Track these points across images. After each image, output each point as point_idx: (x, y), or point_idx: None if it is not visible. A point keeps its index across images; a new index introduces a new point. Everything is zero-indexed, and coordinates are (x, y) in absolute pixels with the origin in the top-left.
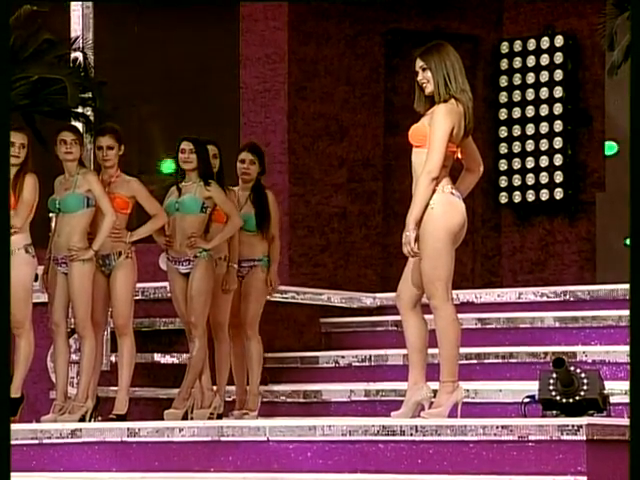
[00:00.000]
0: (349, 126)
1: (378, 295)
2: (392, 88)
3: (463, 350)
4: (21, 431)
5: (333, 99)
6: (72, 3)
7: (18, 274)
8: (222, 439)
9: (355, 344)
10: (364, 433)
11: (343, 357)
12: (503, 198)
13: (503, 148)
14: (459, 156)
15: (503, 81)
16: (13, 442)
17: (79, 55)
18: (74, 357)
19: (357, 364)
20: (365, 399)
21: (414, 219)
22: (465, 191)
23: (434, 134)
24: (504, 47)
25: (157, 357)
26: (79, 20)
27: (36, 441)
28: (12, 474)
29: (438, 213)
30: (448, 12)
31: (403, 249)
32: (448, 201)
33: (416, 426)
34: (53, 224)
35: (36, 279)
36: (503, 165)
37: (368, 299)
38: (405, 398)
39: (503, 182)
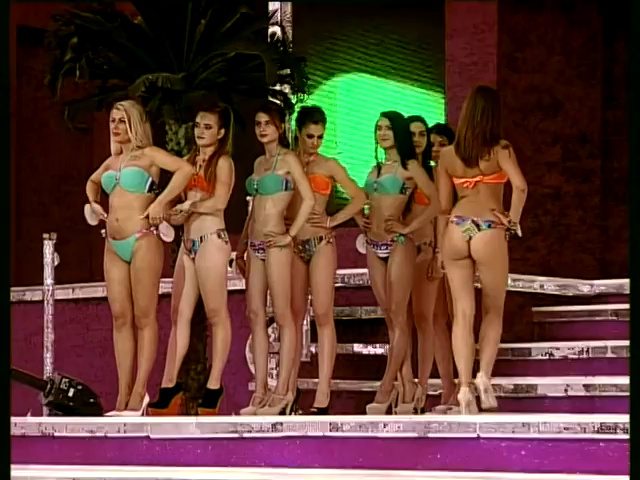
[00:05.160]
0: (564, 99)
1: (596, 282)
2: (611, 57)
3: None
4: (221, 424)
5: (546, 70)
6: None
7: (210, 260)
8: (429, 435)
9: (571, 335)
10: (582, 431)
11: (558, 349)
12: None
13: None
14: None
15: None
16: (213, 435)
17: (277, 30)
18: (273, 347)
19: (573, 356)
20: (583, 394)
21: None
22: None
23: None
24: None
25: (359, 348)
26: None
27: (236, 435)
28: (211, 469)
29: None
30: None
31: None
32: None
33: None
34: (250, 207)
35: (231, 264)
36: None
37: (585, 286)
38: None
39: None
